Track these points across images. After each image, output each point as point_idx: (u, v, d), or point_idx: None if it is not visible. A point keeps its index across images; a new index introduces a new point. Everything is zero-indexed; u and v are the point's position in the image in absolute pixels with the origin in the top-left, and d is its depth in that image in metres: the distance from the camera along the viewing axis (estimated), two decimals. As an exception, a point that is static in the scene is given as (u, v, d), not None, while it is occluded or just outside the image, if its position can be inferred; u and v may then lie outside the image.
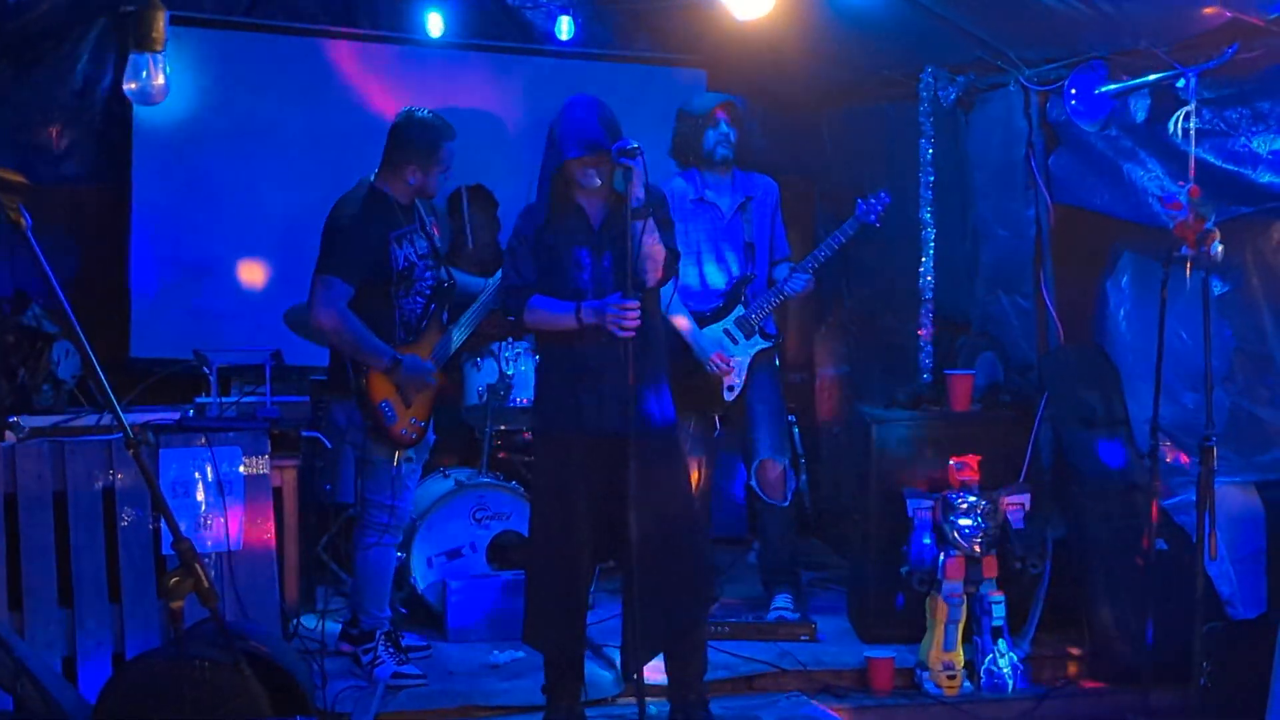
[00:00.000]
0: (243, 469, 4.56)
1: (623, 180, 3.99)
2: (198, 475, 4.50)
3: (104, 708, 3.63)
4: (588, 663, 4.41)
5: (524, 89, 6.74)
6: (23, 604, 4.37)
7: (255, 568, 4.54)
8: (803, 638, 5.15)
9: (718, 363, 5.27)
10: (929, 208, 5.69)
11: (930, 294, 5.70)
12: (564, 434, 4.21)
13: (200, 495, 4.50)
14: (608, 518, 4.13)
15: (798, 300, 5.49)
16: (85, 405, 5.06)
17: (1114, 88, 4.68)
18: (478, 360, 5.70)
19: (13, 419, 4.66)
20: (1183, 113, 4.41)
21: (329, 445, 4.94)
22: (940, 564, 4.83)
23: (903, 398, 5.46)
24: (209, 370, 4.97)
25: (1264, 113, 4.35)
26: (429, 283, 4.77)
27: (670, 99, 5.77)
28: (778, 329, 5.49)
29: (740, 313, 5.37)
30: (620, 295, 4.04)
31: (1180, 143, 4.44)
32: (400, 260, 4.66)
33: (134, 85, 5.22)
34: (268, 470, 4.60)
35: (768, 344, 5.39)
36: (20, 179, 2.83)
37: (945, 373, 5.44)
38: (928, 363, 5.70)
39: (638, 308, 4.02)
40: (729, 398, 5.34)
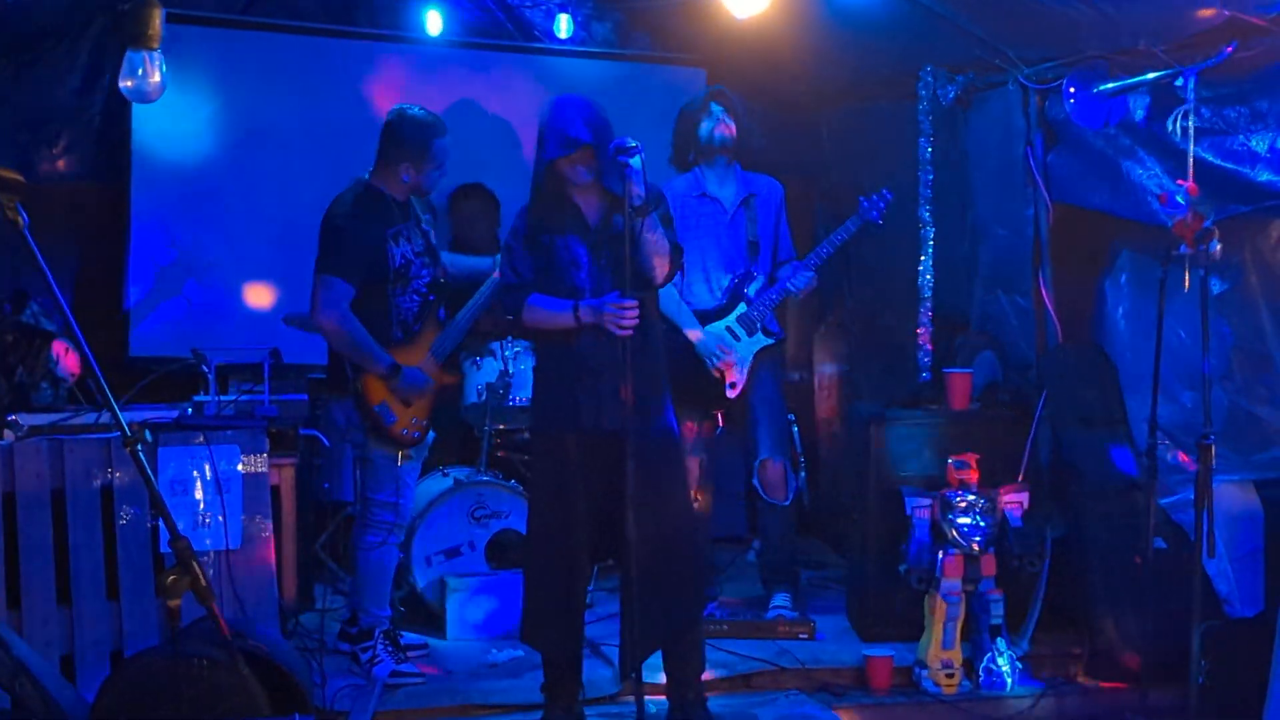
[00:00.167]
0: (241, 467, 4.56)
1: (618, 179, 3.97)
2: (196, 473, 4.51)
3: (102, 706, 3.64)
4: (586, 661, 4.41)
5: (523, 87, 6.73)
6: (21, 602, 4.37)
7: (253, 566, 4.54)
8: (801, 636, 5.15)
9: (721, 353, 5.26)
10: (928, 207, 5.70)
11: (929, 293, 5.70)
12: (562, 433, 4.20)
13: (198, 493, 4.50)
14: (606, 516, 4.13)
15: (799, 299, 5.48)
16: (84, 403, 5.06)
17: (1113, 86, 4.67)
18: (477, 359, 5.70)
19: (11, 417, 4.66)
20: (1181, 111, 4.40)
21: (327, 443, 4.94)
22: (939, 562, 4.82)
23: (902, 397, 5.46)
24: (207, 369, 4.97)
25: (1262, 111, 4.35)
26: (425, 280, 4.76)
27: (669, 97, 5.77)
28: (780, 327, 5.49)
29: (743, 310, 5.36)
30: (618, 294, 4.04)
31: (1179, 141, 4.43)
32: (397, 258, 4.65)
33: (130, 83, 5.20)
34: (266, 468, 4.60)
35: (770, 341, 5.38)
36: (18, 178, 2.81)
37: (944, 372, 5.44)
38: (926, 362, 5.71)
39: (636, 306, 4.02)
40: (731, 395, 5.34)
